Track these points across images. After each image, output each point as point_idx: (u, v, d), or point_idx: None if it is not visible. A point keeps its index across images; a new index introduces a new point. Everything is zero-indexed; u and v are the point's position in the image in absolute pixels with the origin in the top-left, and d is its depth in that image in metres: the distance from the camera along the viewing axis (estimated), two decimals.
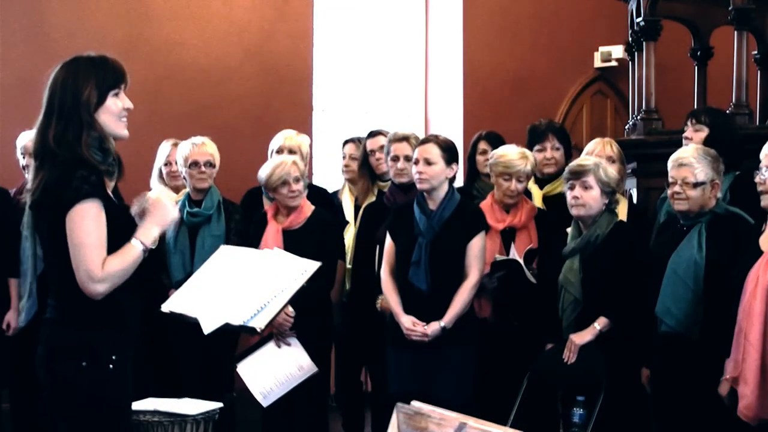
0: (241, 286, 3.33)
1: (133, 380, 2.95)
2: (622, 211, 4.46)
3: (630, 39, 5.65)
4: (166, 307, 3.31)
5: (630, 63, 5.76)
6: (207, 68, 6.63)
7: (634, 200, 5.08)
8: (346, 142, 5.60)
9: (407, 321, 4.22)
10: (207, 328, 3.20)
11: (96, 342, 2.80)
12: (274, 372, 4.52)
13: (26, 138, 5.07)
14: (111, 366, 2.80)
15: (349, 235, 5.09)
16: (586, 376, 4.11)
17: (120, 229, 2.82)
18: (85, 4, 6.33)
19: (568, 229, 4.35)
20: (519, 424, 4.07)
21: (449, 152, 4.32)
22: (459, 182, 5.96)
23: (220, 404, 4.19)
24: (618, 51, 7.25)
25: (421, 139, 4.54)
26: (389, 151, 4.86)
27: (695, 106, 5.66)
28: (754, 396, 3.39)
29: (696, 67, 5.82)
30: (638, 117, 5.33)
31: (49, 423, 2.95)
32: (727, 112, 4.93)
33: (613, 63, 7.48)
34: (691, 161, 3.89)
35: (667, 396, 3.93)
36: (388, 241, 4.42)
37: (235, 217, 4.87)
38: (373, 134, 5.28)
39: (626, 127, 5.78)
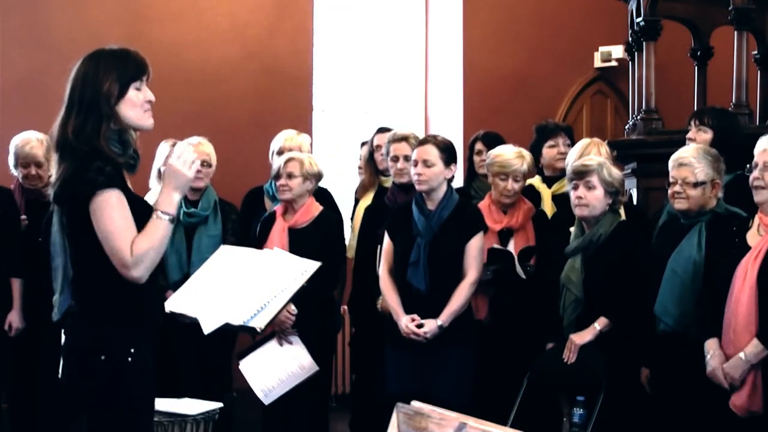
0: (241, 286, 3.33)
1: (155, 374, 2.92)
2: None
3: (630, 39, 5.65)
4: (166, 307, 3.31)
5: (630, 63, 5.76)
6: (207, 68, 6.63)
7: (634, 200, 5.07)
8: (363, 144, 5.65)
9: (405, 320, 4.21)
10: (207, 328, 3.20)
11: (114, 336, 2.78)
12: (275, 370, 4.53)
13: (21, 143, 5.02)
14: (129, 359, 2.78)
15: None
16: (586, 376, 4.11)
17: (140, 222, 2.79)
18: (85, 4, 6.33)
19: (571, 228, 4.36)
20: (519, 424, 4.07)
21: (448, 153, 4.32)
22: (459, 182, 5.98)
23: (220, 404, 4.19)
24: (618, 51, 7.26)
25: (420, 140, 4.54)
26: (389, 151, 4.87)
27: (695, 106, 5.66)
28: (746, 390, 3.45)
29: (696, 67, 5.82)
30: (638, 117, 5.32)
31: (73, 417, 2.94)
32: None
33: (613, 63, 7.49)
34: (691, 161, 3.90)
35: (665, 394, 3.94)
36: (386, 241, 4.41)
37: (232, 217, 4.87)
38: (381, 130, 5.33)
39: (626, 127, 5.78)
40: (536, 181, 5.05)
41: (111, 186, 2.71)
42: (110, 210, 2.71)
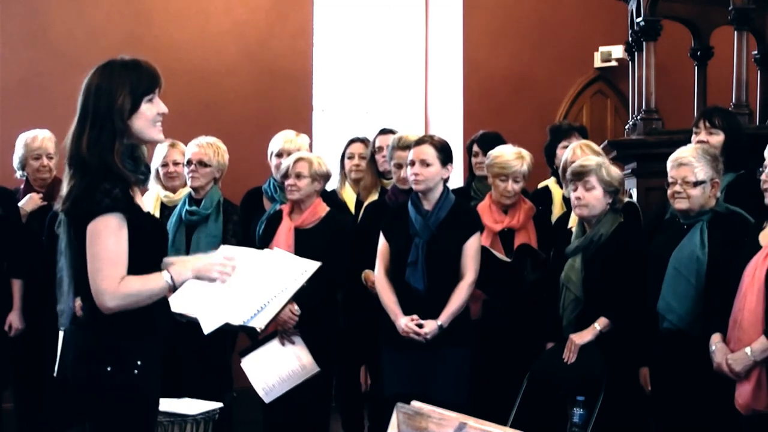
0: (241, 286, 3.32)
1: (161, 385, 2.94)
2: None
3: (630, 39, 5.65)
4: None
5: (630, 63, 5.76)
6: (207, 68, 6.63)
7: (634, 200, 5.07)
8: (351, 142, 5.59)
9: (405, 320, 4.20)
10: (207, 328, 3.19)
11: (122, 347, 2.79)
12: (277, 369, 4.54)
13: (31, 138, 5.05)
14: (136, 371, 2.79)
15: None
16: (586, 376, 4.11)
17: (147, 240, 2.80)
18: (85, 4, 6.33)
19: (573, 228, 4.36)
20: (519, 424, 4.07)
21: (444, 153, 4.31)
22: (459, 182, 5.98)
23: (220, 404, 4.19)
24: (618, 51, 7.26)
25: (416, 140, 4.52)
26: (392, 157, 4.86)
27: (695, 106, 5.66)
28: (751, 387, 3.46)
29: (696, 67, 5.82)
30: (638, 117, 5.32)
31: (75, 419, 2.94)
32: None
33: (613, 63, 7.49)
34: (690, 160, 3.90)
35: (666, 392, 3.94)
36: (382, 241, 4.40)
37: (233, 218, 4.86)
38: (384, 132, 5.31)
39: (626, 127, 5.78)
40: (551, 182, 5.05)
41: (114, 210, 2.71)
42: (107, 235, 2.71)
